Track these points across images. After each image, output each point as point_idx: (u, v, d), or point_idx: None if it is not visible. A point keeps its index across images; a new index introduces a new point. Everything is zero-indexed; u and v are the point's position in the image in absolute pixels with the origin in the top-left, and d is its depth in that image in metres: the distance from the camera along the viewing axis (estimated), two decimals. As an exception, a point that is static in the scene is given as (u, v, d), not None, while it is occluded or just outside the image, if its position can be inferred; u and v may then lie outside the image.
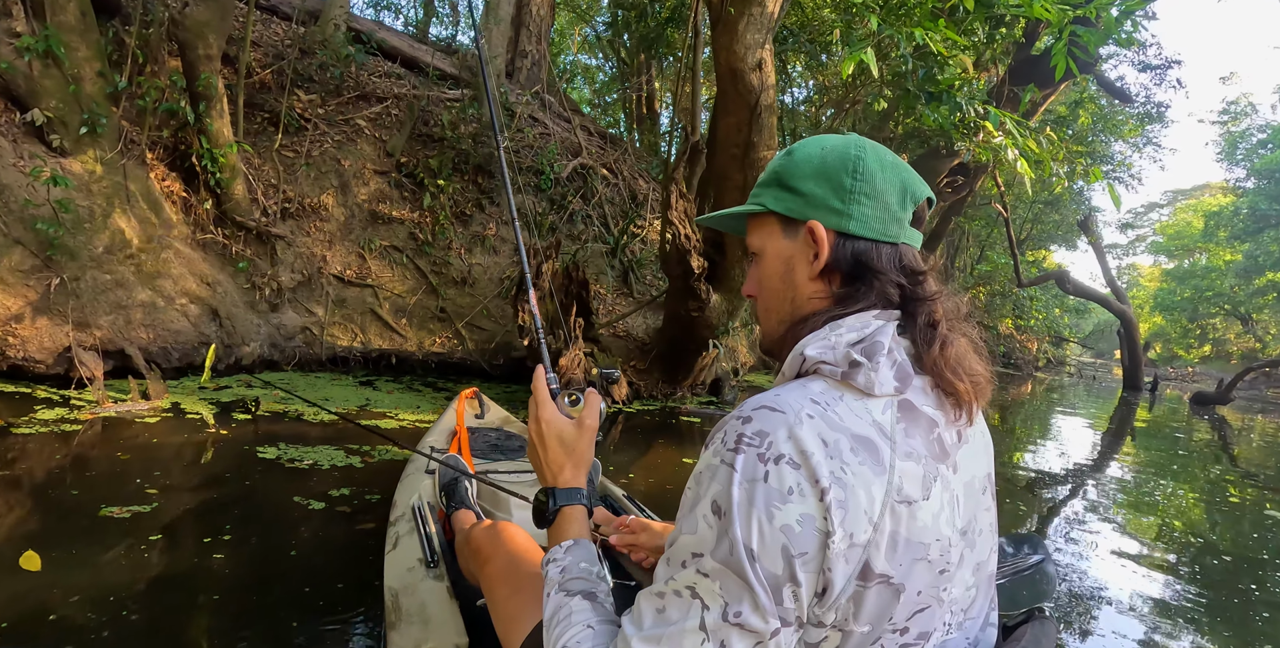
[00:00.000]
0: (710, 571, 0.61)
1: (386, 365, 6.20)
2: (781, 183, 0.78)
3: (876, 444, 0.64)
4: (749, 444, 0.62)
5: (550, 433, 0.95)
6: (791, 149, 0.79)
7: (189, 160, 4.92)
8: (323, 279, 5.88)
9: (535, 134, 8.34)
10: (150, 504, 2.63)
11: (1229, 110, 28.32)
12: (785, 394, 0.66)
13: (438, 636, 1.31)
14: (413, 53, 8.37)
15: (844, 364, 0.68)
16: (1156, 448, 7.27)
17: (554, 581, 0.82)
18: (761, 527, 0.60)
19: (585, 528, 0.90)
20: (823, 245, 0.74)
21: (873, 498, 0.61)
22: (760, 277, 0.81)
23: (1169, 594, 2.84)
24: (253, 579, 2.12)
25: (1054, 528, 3.73)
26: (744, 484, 0.61)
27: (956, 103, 3.60)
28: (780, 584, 0.60)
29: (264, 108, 6.15)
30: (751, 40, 3.84)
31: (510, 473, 2.29)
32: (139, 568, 2.12)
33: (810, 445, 0.61)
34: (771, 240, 0.80)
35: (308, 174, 6.04)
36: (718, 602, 0.61)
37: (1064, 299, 25.78)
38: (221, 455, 3.37)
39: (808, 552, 0.60)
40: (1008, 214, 14.00)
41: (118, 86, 4.40)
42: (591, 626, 0.74)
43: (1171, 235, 36.44)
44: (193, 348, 4.94)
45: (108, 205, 4.42)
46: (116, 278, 4.47)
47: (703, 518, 0.63)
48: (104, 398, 4.04)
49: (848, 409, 0.65)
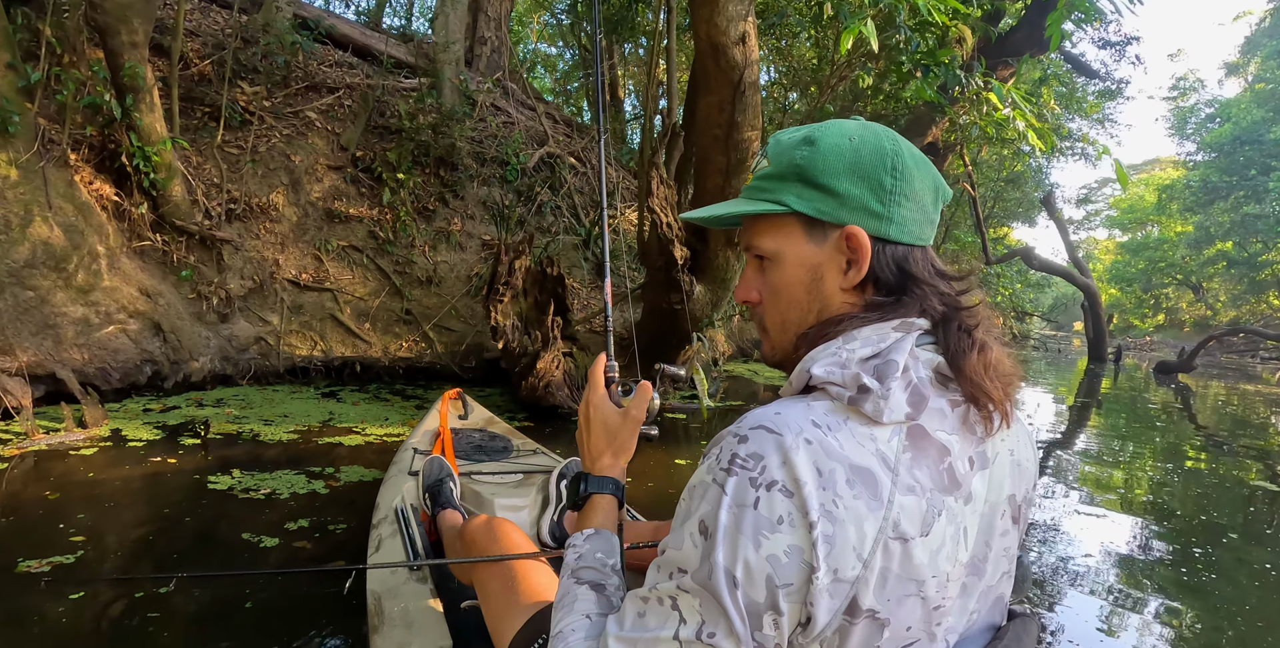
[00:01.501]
0: (690, 589, 0.60)
1: (351, 374, 5.82)
2: (806, 179, 0.69)
3: (876, 476, 0.60)
4: (741, 467, 0.59)
5: (596, 418, 0.93)
6: (811, 138, 0.70)
7: (119, 160, 4.46)
8: (276, 285, 5.46)
9: (498, 123, 7.95)
10: (75, 554, 2.29)
11: (1178, 86, 28.95)
12: (786, 413, 0.62)
13: (422, 639, 1.30)
14: (365, 40, 7.89)
15: (852, 387, 0.63)
16: (1125, 416, 7.31)
17: (569, 566, 0.82)
18: (747, 555, 0.57)
19: (610, 518, 0.88)
20: (865, 254, 0.68)
21: (864, 534, 0.58)
22: (775, 284, 0.73)
23: (1138, 560, 2.89)
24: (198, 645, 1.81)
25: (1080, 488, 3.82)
26: (733, 508, 0.58)
27: (956, 75, 3.36)
28: (761, 612, 0.58)
29: (204, 102, 5.68)
30: (734, 12, 3.56)
31: (494, 474, 2.29)
32: (56, 638, 1.80)
33: (804, 474, 0.58)
34: (791, 244, 0.71)
35: (254, 172, 5.59)
36: (695, 618, 0.60)
37: (1026, 275, 26.16)
38: (165, 489, 3.01)
39: (793, 583, 0.57)
40: (975, 193, 14.00)
41: (31, 80, 3.92)
42: (589, 616, 0.73)
43: (1125, 209, 37.27)
44: (135, 367, 4.51)
45: (26, 213, 3.96)
46: (41, 294, 4.03)
47: (689, 536, 0.61)
48: (33, 429, 3.63)
49: (850, 435, 0.61)
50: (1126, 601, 2.49)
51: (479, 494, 2.05)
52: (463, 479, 2.17)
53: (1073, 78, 13.91)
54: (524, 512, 2.02)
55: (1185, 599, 2.52)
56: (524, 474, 2.31)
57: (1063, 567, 2.76)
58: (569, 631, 0.72)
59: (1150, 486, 4.24)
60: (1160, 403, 8.92)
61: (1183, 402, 9.33)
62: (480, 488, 2.10)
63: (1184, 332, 31.54)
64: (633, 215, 8.61)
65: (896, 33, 3.34)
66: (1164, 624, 2.33)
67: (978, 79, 3.53)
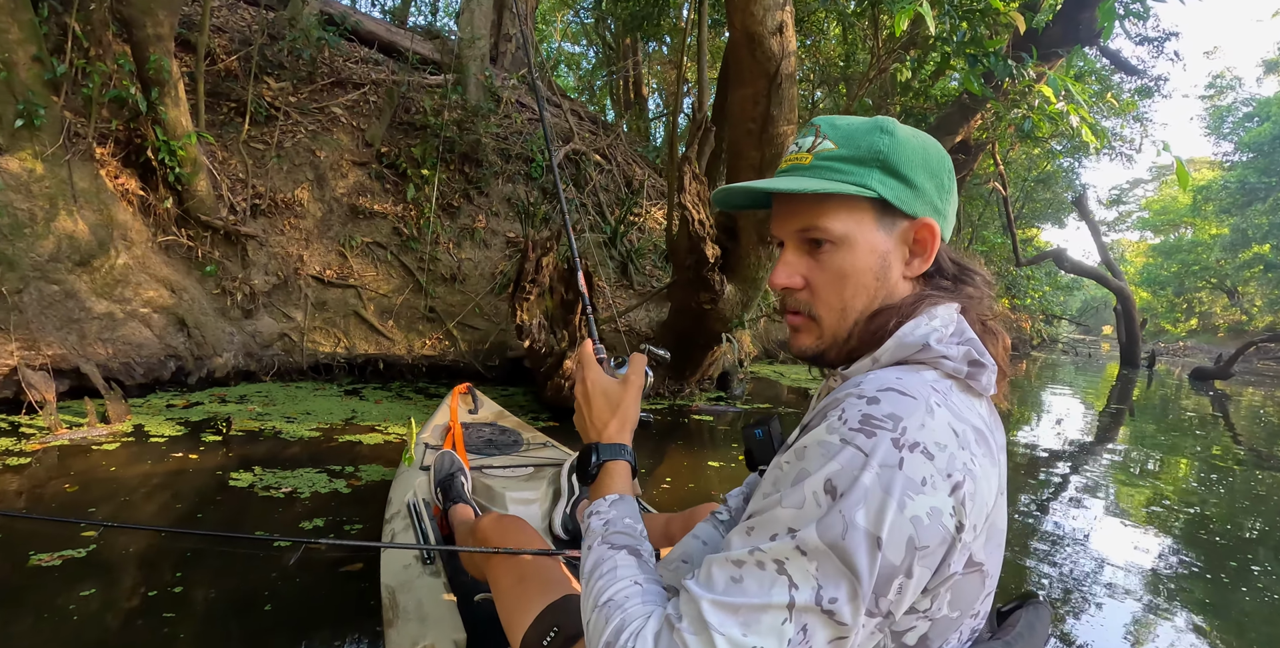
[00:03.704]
0: (810, 549, 0.58)
1: (374, 372, 5.77)
2: (889, 167, 0.71)
3: (987, 437, 0.65)
4: (881, 427, 0.59)
5: (595, 391, 0.92)
6: (884, 127, 0.72)
7: (144, 154, 4.43)
8: (300, 281, 5.41)
9: (523, 119, 7.88)
10: (86, 548, 2.23)
11: (1214, 84, 28.22)
12: (907, 378, 0.64)
13: (435, 632, 1.29)
14: (390, 37, 7.86)
15: (963, 361, 0.67)
16: (1158, 424, 7.05)
17: (596, 532, 0.78)
18: (892, 515, 0.57)
19: (629, 485, 0.86)
20: (934, 247, 0.73)
21: (991, 491, 0.63)
22: (842, 269, 0.72)
23: (1167, 571, 2.77)
24: (296, 574, 1.87)
25: (1055, 507, 3.60)
26: (877, 469, 0.58)
27: (1006, 65, 3.18)
28: (893, 575, 0.58)
29: (230, 97, 5.66)
30: (772, 1, 3.42)
31: (505, 468, 2.27)
32: (63, 635, 1.74)
33: (944, 436, 0.60)
34: (863, 230, 0.72)
35: (279, 167, 5.56)
36: (810, 583, 0.58)
37: (1056, 277, 25.65)
38: (185, 485, 2.95)
39: (929, 545, 0.59)
40: (1006, 193, 13.69)
41: (57, 73, 3.90)
42: (638, 582, 0.70)
43: (1157, 211, 36.45)
44: (158, 362, 4.48)
45: (51, 207, 3.93)
46: (66, 288, 4.00)
47: (812, 495, 0.60)
48: (57, 423, 3.59)
49: (960, 401, 0.65)
50: (1155, 614, 2.38)
51: (490, 488, 2.04)
52: (474, 473, 2.16)
53: (1108, 75, 13.56)
54: (535, 505, 2.02)
55: (1216, 615, 2.40)
56: (535, 468, 2.31)
57: (1091, 578, 2.64)
58: (623, 598, 0.68)
59: (1183, 496, 4.05)
60: (1195, 410, 8.65)
61: (1219, 409, 9.04)
62: (491, 482, 2.09)
63: (1218, 337, 30.79)
64: (659, 213, 8.49)
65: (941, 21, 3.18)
66: (1193, 639, 2.21)
67: (1029, 70, 3.35)
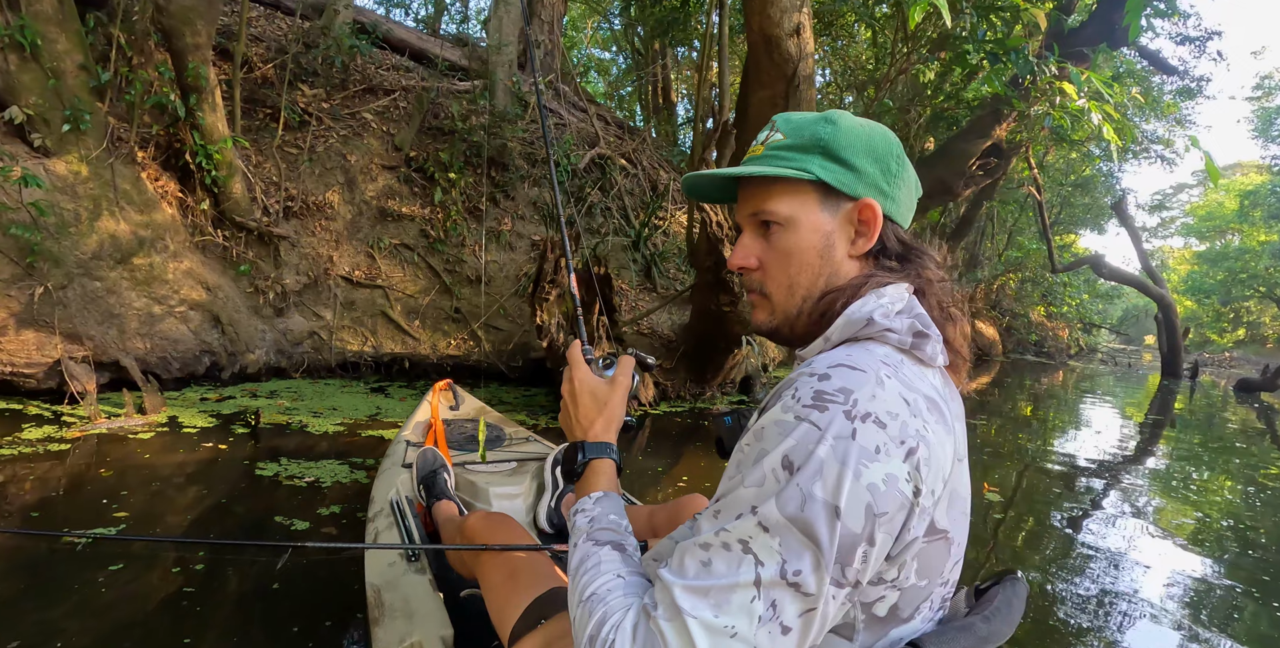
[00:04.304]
0: (772, 524, 0.59)
1: (400, 370, 5.89)
2: (829, 152, 0.75)
3: (940, 405, 0.67)
4: (833, 401, 0.61)
5: (582, 390, 0.94)
6: (829, 117, 0.77)
7: (183, 158, 4.61)
8: (330, 281, 5.56)
9: (550, 125, 7.98)
10: (117, 528, 2.37)
11: (1262, 85, 27.27)
12: (856, 354, 0.67)
13: (423, 628, 1.30)
14: (421, 45, 8.04)
15: (908, 334, 0.70)
16: (1201, 437, 6.82)
17: (582, 530, 0.80)
18: (849, 484, 0.58)
19: (614, 482, 0.88)
20: (876, 225, 0.75)
21: (946, 456, 0.65)
22: (787, 248, 0.77)
23: (1209, 591, 2.68)
24: (224, 620, 1.83)
25: (1092, 520, 3.49)
26: (831, 442, 0.60)
27: (1028, 62, 3.15)
28: (855, 543, 0.59)
29: (265, 103, 5.85)
30: (788, 2, 3.45)
31: (488, 463, 2.28)
32: (91, 605, 1.85)
33: (895, 405, 0.62)
34: (807, 211, 0.76)
35: (311, 171, 5.72)
36: (774, 558, 0.59)
37: (1095, 284, 25.01)
38: (213, 473, 3.08)
39: (888, 511, 0.60)
40: (1041, 197, 13.43)
41: (101, 80, 4.08)
42: (622, 576, 0.72)
43: (1203, 217, 35.31)
44: (194, 357, 4.64)
45: (95, 207, 4.11)
46: (108, 285, 4.18)
47: (770, 472, 0.61)
48: (96, 413, 3.76)
49: (911, 372, 0.68)
50: (1196, 637, 2.28)
51: (474, 484, 2.03)
52: (457, 470, 2.16)
53: (1148, 76, 13.25)
54: (519, 499, 2.01)
55: (1262, 642, 2.30)
56: (518, 462, 2.31)
57: (1128, 596, 2.55)
58: (605, 591, 0.69)
59: (1226, 512, 3.91)
60: (1240, 423, 8.34)
61: (1266, 422, 8.71)
62: (475, 478, 2.08)
63: (1266, 347, 29.70)
64: (683, 217, 8.53)
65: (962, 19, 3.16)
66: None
67: (1051, 66, 3.30)
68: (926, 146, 12.14)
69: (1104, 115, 3.15)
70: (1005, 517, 3.44)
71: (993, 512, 3.48)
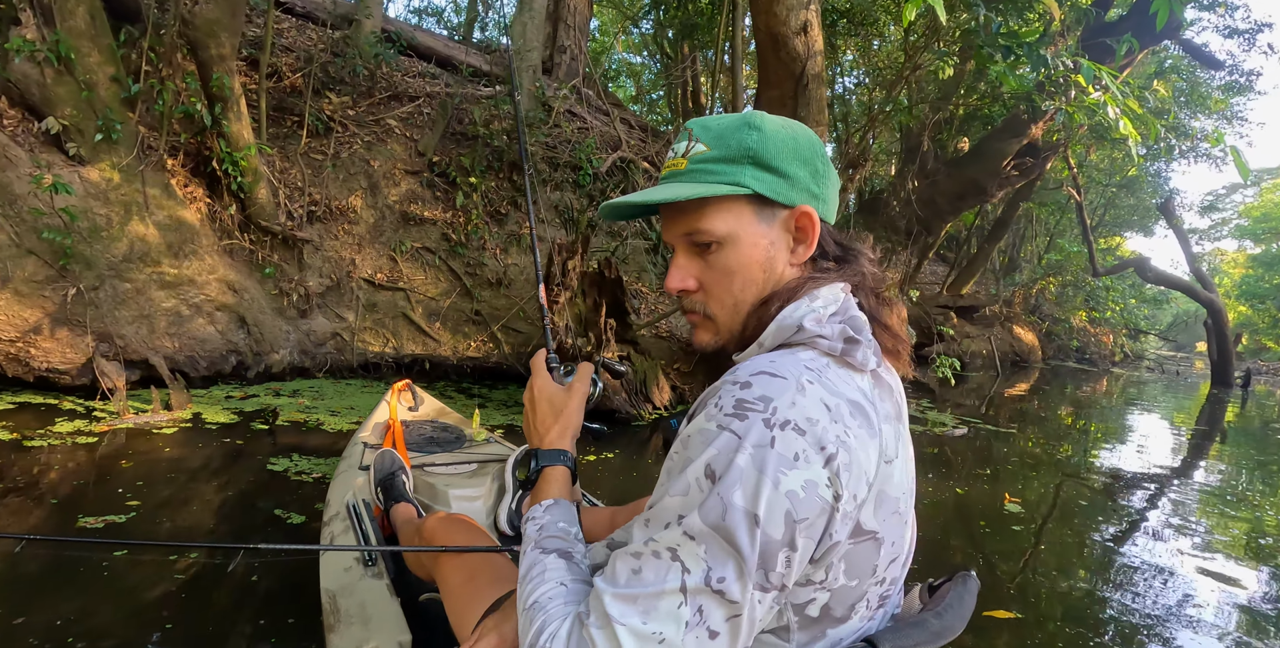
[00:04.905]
0: (697, 533, 0.60)
1: (420, 371, 5.99)
2: (760, 161, 0.73)
3: (865, 409, 0.67)
4: (753, 409, 0.61)
5: (541, 397, 0.95)
6: (752, 122, 0.74)
7: (210, 165, 4.78)
8: (352, 283, 5.69)
9: (573, 129, 8.05)
10: (127, 515, 2.48)
11: (1323, 80, 26.09)
12: (780, 361, 0.67)
13: (380, 634, 1.27)
14: (447, 51, 8.20)
15: (839, 339, 0.70)
16: (1253, 448, 6.55)
17: (531, 538, 0.80)
18: (767, 492, 0.59)
19: (567, 489, 0.88)
20: (815, 233, 0.75)
21: (870, 459, 0.65)
22: (729, 266, 0.75)
23: (1264, 612, 2.56)
24: (205, 602, 1.91)
25: (1136, 535, 3.36)
26: (749, 450, 0.60)
27: (1041, 57, 3.06)
28: (776, 550, 0.60)
29: (293, 111, 6.02)
30: (795, 0, 3.43)
31: (447, 465, 2.24)
32: (93, 586, 1.96)
33: (814, 412, 0.62)
34: (744, 225, 0.74)
35: (335, 176, 5.87)
36: (699, 566, 0.60)
37: (1141, 289, 24.14)
38: (226, 467, 3.20)
39: (808, 517, 0.60)
40: (1081, 198, 13.05)
41: (132, 91, 4.26)
42: (564, 584, 0.72)
43: (1258, 218, 33.84)
44: (220, 356, 4.80)
45: (126, 213, 4.29)
46: (137, 286, 4.34)
47: (695, 481, 0.62)
48: (125, 409, 3.91)
49: (837, 377, 0.67)
50: None
51: (433, 486, 1.99)
52: (415, 472, 2.11)
53: (1195, 72, 12.79)
54: (479, 501, 1.96)
55: None
56: (478, 464, 2.25)
57: (1174, 616, 2.45)
58: (546, 599, 0.70)
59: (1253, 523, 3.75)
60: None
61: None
62: (434, 480, 2.04)
63: (1329, 354, 28.28)
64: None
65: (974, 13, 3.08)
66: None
67: (1065, 59, 3.19)
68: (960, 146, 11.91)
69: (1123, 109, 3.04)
70: (1026, 529, 3.33)
71: (1010, 523, 3.37)
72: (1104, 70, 2.99)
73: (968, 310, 13.26)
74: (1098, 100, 3.09)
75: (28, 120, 4.10)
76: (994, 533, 3.20)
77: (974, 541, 3.10)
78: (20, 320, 3.87)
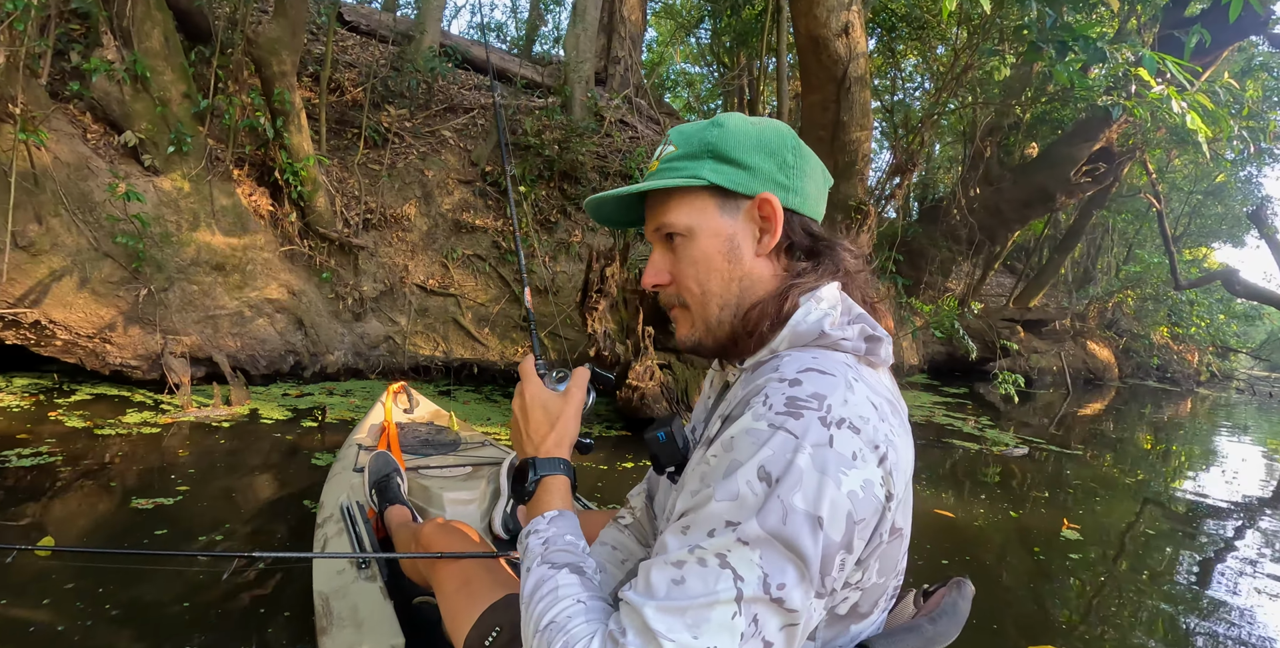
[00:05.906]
0: (752, 539, 0.57)
1: (468, 375, 6.12)
2: (719, 154, 0.75)
3: (898, 406, 0.69)
4: (807, 407, 0.60)
5: (534, 403, 0.90)
6: (717, 121, 0.76)
7: (273, 175, 5.03)
8: (405, 289, 5.88)
9: (625, 138, 8.13)
10: (175, 498, 2.64)
11: None
12: (822, 357, 0.66)
13: (373, 637, 1.26)
14: (503, 64, 8.42)
15: (861, 339, 0.70)
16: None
17: (535, 552, 0.76)
18: (830, 494, 0.58)
19: (568, 500, 0.84)
20: (777, 220, 0.74)
21: (908, 458, 0.66)
22: (692, 257, 0.76)
23: None
24: (204, 603, 1.92)
25: (1213, 571, 3.10)
26: (810, 450, 0.58)
27: (1099, 49, 2.88)
28: (835, 553, 0.58)
29: (354, 124, 6.28)
30: (835, 1, 3.38)
31: (442, 468, 2.22)
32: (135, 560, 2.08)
33: (865, 410, 0.62)
34: (706, 217, 0.75)
35: (391, 185, 6.09)
36: (755, 573, 0.57)
37: (1231, 303, 22.61)
38: (273, 460, 3.36)
39: (865, 518, 0.60)
40: (1161, 206, 12.36)
41: (201, 106, 4.54)
42: (582, 601, 0.68)
43: (1369, 227, 31.34)
44: (279, 356, 5.02)
45: (194, 220, 4.56)
46: (204, 288, 4.60)
47: (746, 484, 0.59)
48: (188, 403, 4.13)
49: (869, 376, 0.68)
50: None
51: (427, 489, 1.97)
52: (410, 474, 2.10)
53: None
54: (474, 505, 1.94)
55: None
56: (473, 467, 2.24)
57: None
58: (565, 619, 0.66)
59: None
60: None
61: None
62: (428, 482, 2.02)
63: None
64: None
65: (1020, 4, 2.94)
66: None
67: (1126, 51, 3.01)
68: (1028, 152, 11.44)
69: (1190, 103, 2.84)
70: (1084, 557, 3.10)
71: (1068, 550, 3.15)
72: (1170, 60, 2.80)
73: (1036, 324, 12.69)
74: (1160, 94, 2.90)
75: (109, 134, 4.41)
76: (1048, 561, 3.01)
77: (1024, 567, 2.92)
78: (97, 318, 4.15)
